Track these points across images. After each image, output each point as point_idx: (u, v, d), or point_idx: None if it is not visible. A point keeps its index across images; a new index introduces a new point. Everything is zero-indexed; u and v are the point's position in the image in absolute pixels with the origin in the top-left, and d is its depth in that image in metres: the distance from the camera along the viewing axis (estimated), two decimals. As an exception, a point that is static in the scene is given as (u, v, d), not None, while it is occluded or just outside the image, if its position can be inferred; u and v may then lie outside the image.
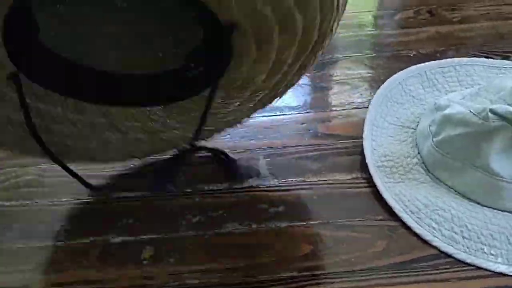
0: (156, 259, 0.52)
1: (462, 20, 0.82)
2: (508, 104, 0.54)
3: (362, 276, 0.50)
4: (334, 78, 0.73)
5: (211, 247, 0.53)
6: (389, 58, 0.76)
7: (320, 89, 0.72)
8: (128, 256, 0.52)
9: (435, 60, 0.72)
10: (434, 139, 0.57)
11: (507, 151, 0.52)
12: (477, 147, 0.53)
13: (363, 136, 0.61)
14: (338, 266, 0.51)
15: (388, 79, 0.69)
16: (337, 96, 0.70)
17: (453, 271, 0.50)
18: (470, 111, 0.53)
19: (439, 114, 0.58)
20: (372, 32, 0.82)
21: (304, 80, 0.73)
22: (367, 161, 0.59)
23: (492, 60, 0.72)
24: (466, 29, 0.80)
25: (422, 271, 0.50)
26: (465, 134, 0.53)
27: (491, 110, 0.52)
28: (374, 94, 0.68)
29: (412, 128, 0.64)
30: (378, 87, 0.69)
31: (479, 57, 0.73)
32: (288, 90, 0.65)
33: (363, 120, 0.64)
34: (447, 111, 0.56)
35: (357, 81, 0.73)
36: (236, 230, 0.55)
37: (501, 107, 0.51)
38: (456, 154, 0.55)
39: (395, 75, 0.69)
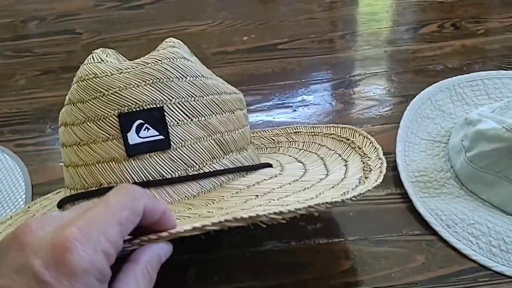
0: (200, 278, 0.54)
1: (486, 32, 0.83)
2: None
3: (403, 291, 0.51)
4: (362, 94, 0.75)
5: (253, 265, 0.55)
6: (416, 73, 0.77)
7: (349, 105, 0.74)
8: (173, 275, 0.55)
9: (462, 73, 0.74)
10: (467, 154, 0.58)
11: (541, 164, 0.53)
12: (511, 161, 0.54)
13: (396, 151, 0.63)
14: (378, 281, 0.52)
15: (417, 96, 0.70)
16: (367, 113, 0.72)
17: (493, 284, 0.51)
18: (503, 126, 0.54)
19: (471, 129, 0.59)
20: (398, 47, 0.83)
21: (334, 97, 0.75)
22: (401, 176, 0.60)
23: (517, 72, 0.73)
24: (491, 42, 0.81)
25: (463, 284, 0.51)
26: (498, 149, 0.55)
27: (524, 125, 0.53)
28: (403, 110, 0.69)
29: (444, 143, 0.65)
30: (407, 102, 0.70)
31: (506, 70, 0.74)
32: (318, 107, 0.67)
33: (394, 135, 0.66)
34: (479, 127, 0.57)
35: (386, 96, 0.74)
36: (275, 247, 0.56)
37: (534, 122, 0.52)
38: (490, 168, 0.56)
39: (424, 90, 0.71)
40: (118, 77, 0.42)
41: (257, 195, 0.42)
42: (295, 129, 0.68)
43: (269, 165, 0.51)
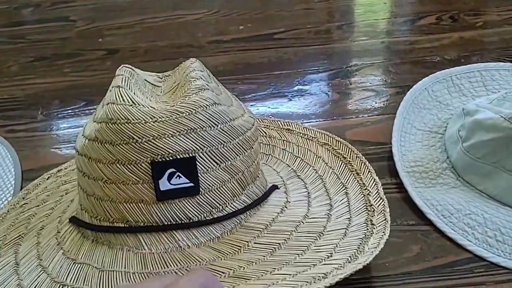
0: None
1: (484, 25, 0.83)
2: None
3: (397, 280, 0.50)
4: (359, 85, 0.74)
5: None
6: (414, 64, 0.76)
7: (345, 96, 0.73)
8: None
9: (459, 65, 0.73)
10: (464, 144, 0.58)
11: (538, 154, 0.52)
12: (508, 151, 0.53)
13: (392, 142, 0.62)
14: (372, 271, 0.51)
15: (414, 86, 0.69)
16: (363, 103, 0.71)
17: (489, 275, 0.50)
18: (501, 116, 0.54)
19: (468, 119, 0.58)
20: (395, 38, 0.82)
21: (330, 87, 0.74)
22: (397, 166, 0.60)
23: (513, 64, 0.72)
24: (489, 34, 0.80)
25: (458, 274, 0.50)
26: (496, 139, 0.54)
27: (522, 115, 0.52)
28: (399, 101, 0.68)
29: (440, 134, 0.64)
30: (404, 93, 0.69)
31: (504, 62, 0.74)
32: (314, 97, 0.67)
33: (390, 126, 0.65)
34: (477, 117, 0.57)
35: (383, 87, 0.74)
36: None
37: (532, 111, 0.52)
38: (487, 158, 0.55)
39: (421, 81, 0.70)
40: (152, 125, 0.42)
41: (278, 245, 0.46)
42: (287, 125, 0.67)
43: (275, 188, 0.54)
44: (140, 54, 0.86)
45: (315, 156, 0.61)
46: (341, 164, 0.60)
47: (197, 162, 0.44)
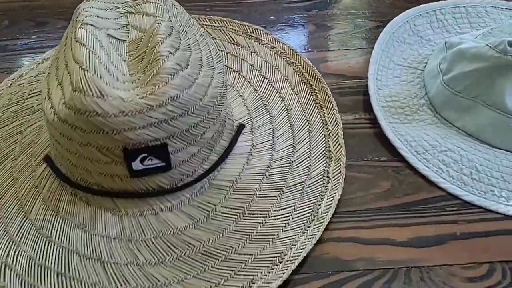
0: None
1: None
2: None
3: (365, 216, 0.47)
4: (336, 17, 0.69)
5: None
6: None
7: (322, 27, 0.67)
8: None
9: (444, 0, 0.68)
10: (444, 77, 0.53)
11: (523, 88, 0.48)
12: (491, 82, 0.49)
13: (368, 75, 0.57)
14: (339, 206, 0.47)
15: (395, 18, 0.64)
16: (340, 36, 0.66)
17: (461, 213, 0.47)
18: (487, 44, 0.49)
19: (451, 51, 0.54)
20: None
21: (306, 18, 0.69)
22: (371, 100, 0.55)
23: (505, 1, 0.67)
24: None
25: (429, 212, 0.47)
26: (480, 69, 0.50)
27: (509, 42, 0.48)
28: (379, 34, 0.63)
29: (420, 70, 0.60)
30: (384, 27, 0.64)
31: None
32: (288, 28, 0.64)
33: (367, 60, 0.60)
34: (461, 46, 0.52)
35: (362, 20, 0.68)
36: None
37: (521, 39, 0.47)
38: (468, 92, 0.51)
39: (402, 14, 0.65)
40: (122, 119, 0.40)
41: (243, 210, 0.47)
42: (256, 33, 0.64)
43: (243, 127, 0.53)
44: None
45: (282, 78, 0.59)
46: (307, 92, 0.57)
47: (168, 147, 0.43)
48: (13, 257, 0.44)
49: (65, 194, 0.48)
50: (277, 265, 0.43)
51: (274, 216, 0.47)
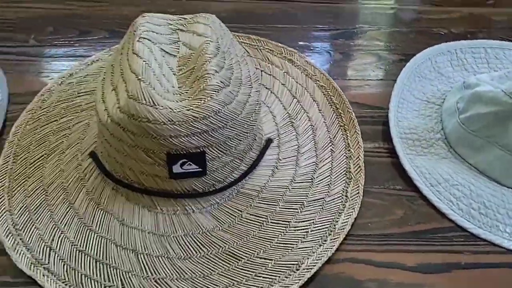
0: None
1: (497, 3, 0.81)
2: None
3: (379, 240, 0.51)
4: (362, 48, 0.73)
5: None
6: (420, 34, 0.75)
7: (347, 57, 0.72)
8: None
9: (465, 40, 0.72)
10: (460, 116, 0.57)
11: (533, 133, 0.52)
12: (504, 126, 0.53)
13: (389, 107, 0.61)
14: (354, 229, 0.51)
15: (418, 54, 0.68)
16: (365, 66, 0.70)
17: (468, 245, 0.51)
18: (502, 90, 0.53)
19: (468, 91, 0.58)
20: (405, 6, 0.81)
21: (333, 47, 0.73)
22: (391, 131, 0.59)
23: (522, 45, 0.72)
24: (499, 13, 0.79)
25: (438, 241, 0.51)
26: (494, 113, 0.54)
27: (524, 91, 0.52)
28: (401, 68, 0.67)
29: (438, 105, 0.64)
30: (406, 61, 0.68)
31: (510, 41, 0.73)
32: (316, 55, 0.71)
33: (389, 91, 0.64)
34: (478, 89, 0.56)
35: (386, 53, 0.72)
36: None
37: (534, 89, 0.51)
38: (482, 132, 0.55)
39: (425, 51, 0.69)
40: (169, 127, 0.45)
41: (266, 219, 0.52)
42: (290, 55, 0.69)
43: (270, 142, 0.57)
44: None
45: (311, 99, 0.64)
46: (333, 114, 0.62)
47: (206, 154, 0.48)
48: (57, 242, 0.49)
49: (107, 189, 0.53)
50: (294, 272, 0.47)
51: (294, 227, 0.51)
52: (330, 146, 0.58)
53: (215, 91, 0.46)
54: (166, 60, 0.49)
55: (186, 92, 0.46)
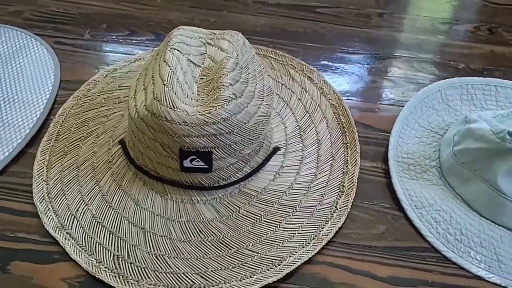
0: None
1: (520, 44, 0.84)
2: None
3: (356, 250, 0.57)
4: (381, 73, 0.78)
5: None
6: (438, 65, 0.79)
7: (365, 80, 0.77)
8: None
9: (481, 76, 0.76)
10: (454, 148, 0.62)
11: (515, 172, 0.56)
12: (489, 162, 0.58)
13: (392, 131, 0.67)
14: (338, 237, 0.57)
15: (429, 85, 0.73)
16: (379, 90, 0.75)
17: (438, 265, 0.55)
18: (491, 129, 0.58)
19: (465, 126, 0.62)
20: (429, 37, 0.85)
21: (353, 69, 0.78)
22: (388, 153, 0.64)
23: (533, 87, 0.75)
24: (521, 54, 0.82)
25: (411, 259, 0.56)
26: (482, 149, 0.58)
27: (509, 133, 0.56)
28: (413, 95, 0.72)
29: (440, 135, 0.68)
30: (418, 90, 0.73)
31: (525, 83, 0.76)
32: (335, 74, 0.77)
33: (396, 117, 0.69)
34: (471, 125, 0.61)
35: (402, 80, 0.77)
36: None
37: (519, 132, 0.56)
38: (470, 165, 0.60)
39: (437, 83, 0.74)
40: (183, 127, 0.53)
41: (260, 217, 0.59)
42: (310, 72, 0.75)
43: (277, 150, 0.64)
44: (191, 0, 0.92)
45: (322, 115, 0.70)
46: (339, 132, 0.68)
47: (212, 154, 0.55)
48: (81, 212, 0.58)
49: (129, 173, 0.62)
50: (276, 266, 0.54)
51: (284, 228, 0.57)
52: (331, 160, 0.64)
53: (226, 101, 0.53)
54: (191, 69, 0.56)
55: (203, 99, 0.54)
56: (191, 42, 0.59)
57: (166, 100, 0.52)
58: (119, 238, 0.56)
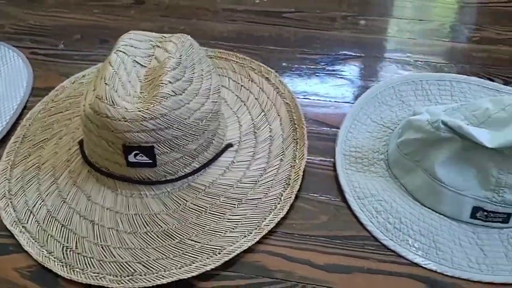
0: None
1: (480, 40, 0.85)
2: (480, 122, 0.60)
3: (297, 239, 0.58)
4: (338, 73, 0.80)
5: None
6: (396, 63, 0.81)
7: (322, 79, 0.79)
8: None
9: (434, 72, 0.77)
10: (398, 140, 0.63)
11: (452, 161, 0.57)
12: (427, 152, 0.59)
13: (340, 126, 0.69)
14: (281, 227, 0.59)
15: (381, 82, 0.75)
16: (335, 88, 0.77)
17: (376, 253, 0.57)
18: (427, 119, 0.59)
19: (406, 118, 0.64)
20: (389, 37, 0.87)
21: (312, 70, 0.81)
22: (336, 147, 0.66)
23: (489, 82, 0.75)
24: (480, 50, 0.83)
25: (349, 247, 0.57)
26: (420, 139, 0.59)
27: (442, 122, 0.57)
28: (368, 93, 0.74)
29: (392, 129, 0.69)
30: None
31: (482, 78, 0.77)
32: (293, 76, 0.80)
33: (348, 113, 0.71)
34: (412, 117, 0.62)
35: (359, 78, 0.79)
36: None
37: (452, 121, 0.57)
38: (411, 156, 0.61)
39: (390, 79, 0.75)
40: (123, 123, 0.56)
41: (205, 209, 0.61)
42: (268, 73, 0.78)
43: (230, 146, 0.67)
44: (161, 9, 0.96)
45: (276, 113, 0.72)
46: (291, 128, 0.70)
47: (154, 149, 0.58)
48: (38, 208, 0.62)
49: (84, 170, 0.65)
50: (216, 255, 0.56)
51: (228, 219, 0.59)
52: (281, 155, 0.66)
53: (164, 98, 0.56)
54: (136, 70, 0.59)
55: (144, 97, 0.57)
56: (140, 45, 0.62)
57: (106, 98, 0.55)
58: (70, 231, 0.59)
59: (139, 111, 0.55)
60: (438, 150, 0.58)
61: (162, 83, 0.56)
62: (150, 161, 0.59)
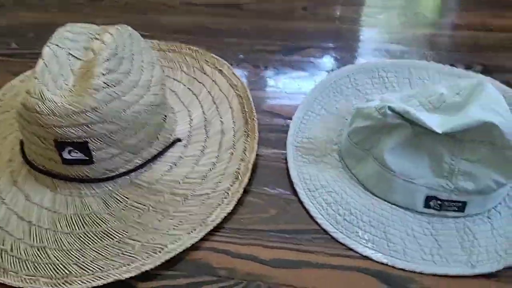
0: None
1: (444, 26, 0.83)
2: (435, 108, 0.58)
3: (244, 234, 0.56)
4: (297, 64, 0.78)
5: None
6: (360, 51, 0.79)
7: (280, 72, 0.77)
8: None
9: (390, 60, 0.75)
10: (348, 129, 0.61)
11: (402, 148, 0.55)
12: (376, 139, 0.57)
13: (293, 117, 0.66)
14: (228, 222, 0.57)
15: (336, 71, 0.73)
16: (292, 80, 0.75)
17: (324, 247, 0.54)
18: (375, 106, 0.57)
19: (354, 106, 0.62)
20: (351, 25, 0.85)
21: (269, 61, 0.79)
22: (287, 139, 0.64)
23: (448, 67, 0.73)
24: (444, 35, 0.81)
25: (297, 241, 0.55)
26: (369, 127, 0.57)
27: (389, 108, 0.55)
28: (325, 83, 0.72)
29: (346, 119, 0.67)
30: (328, 77, 0.73)
31: (443, 64, 0.75)
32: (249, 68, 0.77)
33: (300, 104, 0.69)
34: (359, 105, 0.60)
35: (317, 70, 0.77)
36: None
37: (399, 106, 0.55)
38: (362, 145, 0.59)
39: (345, 68, 0.73)
40: (53, 118, 0.53)
41: (148, 207, 0.58)
42: (221, 66, 0.75)
43: (178, 141, 0.65)
44: (120, 6, 0.93)
45: (228, 106, 0.70)
46: (242, 121, 0.67)
47: (89, 145, 0.55)
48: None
49: (24, 170, 0.62)
50: (157, 254, 0.53)
51: (172, 216, 0.57)
52: (232, 149, 0.64)
53: (96, 90, 0.53)
54: (71, 63, 0.57)
55: (76, 90, 0.54)
56: (77, 38, 0.59)
57: (35, 92, 0.53)
58: (6, 233, 0.56)
59: (69, 104, 0.53)
60: (387, 137, 0.56)
61: (93, 75, 0.54)
62: (86, 157, 0.56)
